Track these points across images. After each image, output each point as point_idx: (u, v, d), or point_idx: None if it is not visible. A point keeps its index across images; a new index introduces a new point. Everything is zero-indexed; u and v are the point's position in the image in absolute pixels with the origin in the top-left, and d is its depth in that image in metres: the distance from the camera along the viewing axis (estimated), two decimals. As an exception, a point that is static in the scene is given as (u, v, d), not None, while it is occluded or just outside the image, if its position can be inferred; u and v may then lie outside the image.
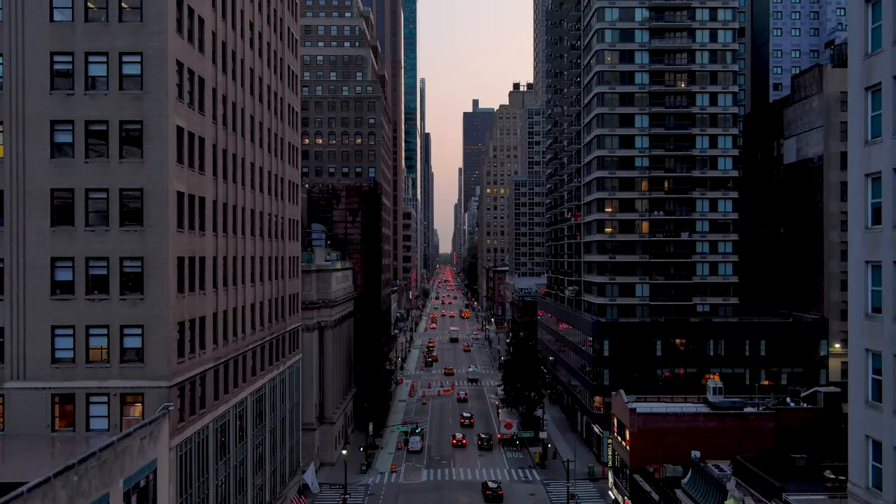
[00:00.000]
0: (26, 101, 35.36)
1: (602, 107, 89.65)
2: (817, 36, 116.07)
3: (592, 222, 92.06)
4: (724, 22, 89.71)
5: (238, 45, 48.13)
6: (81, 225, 35.37)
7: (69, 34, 35.36)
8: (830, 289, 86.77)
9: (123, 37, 35.43)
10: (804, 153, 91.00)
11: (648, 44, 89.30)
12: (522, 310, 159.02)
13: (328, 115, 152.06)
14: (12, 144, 35.41)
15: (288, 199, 63.32)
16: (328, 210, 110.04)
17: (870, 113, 27.25)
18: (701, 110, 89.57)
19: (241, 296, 48.48)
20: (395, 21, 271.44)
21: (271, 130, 57.26)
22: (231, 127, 46.48)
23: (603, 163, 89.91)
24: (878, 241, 26.45)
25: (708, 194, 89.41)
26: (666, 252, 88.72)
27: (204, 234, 40.78)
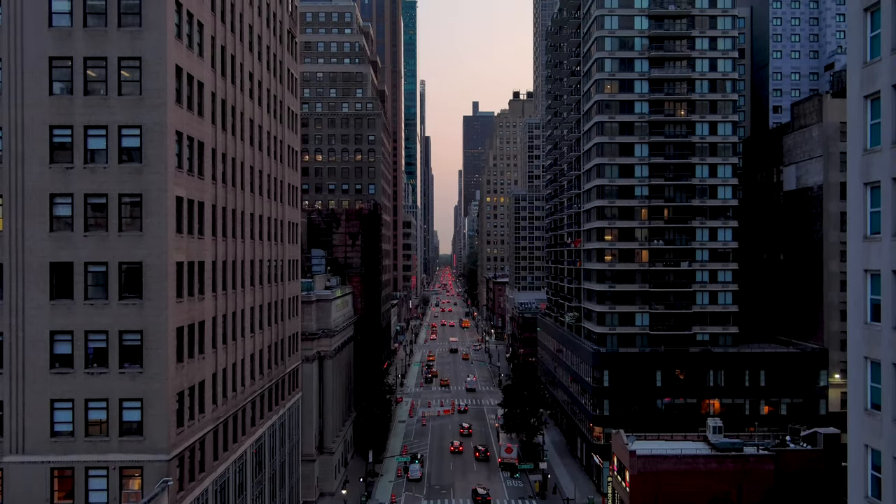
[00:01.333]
0: (25, 174, 35.36)
1: (602, 136, 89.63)
2: (817, 59, 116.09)
3: (592, 250, 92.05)
4: (724, 51, 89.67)
5: (238, 99, 48.11)
6: (81, 298, 35.36)
7: (68, 107, 35.35)
8: (830, 319, 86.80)
9: (122, 110, 35.43)
10: (804, 181, 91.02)
11: (648, 73, 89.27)
12: (522, 326, 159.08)
13: (328, 131, 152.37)
14: (12, 217, 35.41)
15: (288, 240, 63.32)
16: (328, 234, 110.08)
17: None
18: (700, 139, 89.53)
19: (241, 349, 48.49)
20: (395, 32, 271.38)
21: (272, 176, 57.25)
22: (231, 182, 46.47)
23: (602, 192, 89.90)
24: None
25: (707, 223, 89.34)
26: (666, 281, 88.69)
27: (203, 298, 40.78)
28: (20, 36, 35.34)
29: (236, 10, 48.05)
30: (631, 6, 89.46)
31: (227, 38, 45.92)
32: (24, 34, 35.34)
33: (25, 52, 35.34)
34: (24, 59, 35.36)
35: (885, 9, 26.23)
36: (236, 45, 47.79)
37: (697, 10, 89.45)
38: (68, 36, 35.39)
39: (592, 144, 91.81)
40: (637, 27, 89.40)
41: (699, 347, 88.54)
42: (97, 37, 35.40)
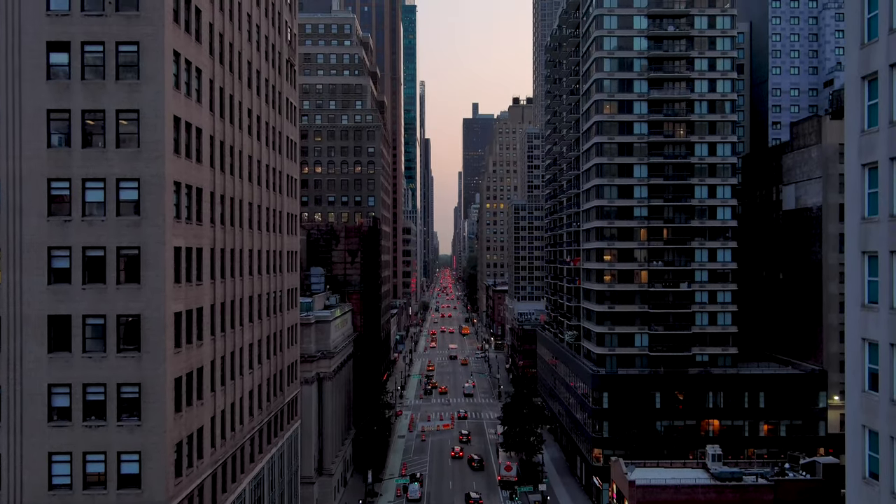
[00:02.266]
0: (24, 226, 35.37)
1: (601, 156, 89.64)
2: (816, 74, 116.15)
3: (592, 270, 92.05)
4: (723, 72, 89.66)
5: (237, 138, 48.11)
6: (79, 351, 35.37)
7: (66, 160, 35.37)
8: (829, 340, 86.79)
9: (121, 163, 35.44)
10: (803, 202, 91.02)
11: (647, 94, 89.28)
12: (522, 338, 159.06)
13: (327, 143, 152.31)
14: (10, 270, 35.41)
15: (287, 269, 63.31)
16: (327, 251, 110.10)
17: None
18: (700, 160, 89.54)
19: (239, 388, 48.50)
20: (395, 39, 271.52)
21: (270, 208, 57.25)
22: (229, 222, 46.46)
23: (602, 212, 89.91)
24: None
25: (707, 244, 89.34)
26: (665, 302, 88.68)
27: (202, 344, 40.78)
28: (18, 88, 35.34)
29: (235, 49, 48.06)
30: (630, 27, 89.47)
31: (226, 79, 45.93)
32: (22, 86, 35.34)
33: (24, 104, 35.35)
34: (23, 111, 35.37)
35: (882, 80, 26.29)
36: (235, 84, 47.80)
37: (696, 31, 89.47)
38: (66, 89, 35.39)
39: (591, 164, 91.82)
40: (636, 48, 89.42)
41: (698, 368, 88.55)
42: (95, 90, 35.40)
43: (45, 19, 35.37)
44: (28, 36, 35.33)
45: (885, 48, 25.98)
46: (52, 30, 35.35)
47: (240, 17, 49.24)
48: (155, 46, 35.59)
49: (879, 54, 26.25)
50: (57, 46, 35.45)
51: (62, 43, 35.43)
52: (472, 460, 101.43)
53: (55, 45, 35.43)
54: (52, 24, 35.36)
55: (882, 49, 26.11)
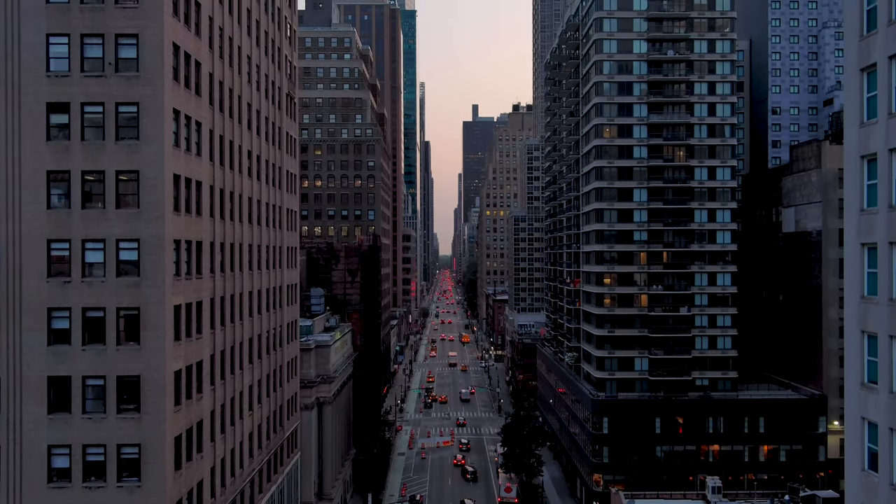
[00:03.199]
0: (23, 287, 35.39)
1: (601, 181, 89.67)
2: (816, 93, 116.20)
3: (592, 294, 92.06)
4: (723, 96, 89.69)
5: (237, 182, 48.15)
6: (79, 412, 35.39)
7: (66, 221, 35.39)
8: (829, 365, 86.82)
9: (121, 224, 35.47)
10: (803, 225, 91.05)
11: (647, 118, 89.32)
12: (522, 352, 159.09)
13: (327, 157, 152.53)
14: (9, 331, 35.43)
15: (287, 302, 63.34)
16: (327, 270, 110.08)
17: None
18: (699, 184, 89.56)
19: (239, 432, 48.52)
20: (395, 48, 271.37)
21: (270, 245, 57.27)
22: (229, 268, 46.48)
23: (601, 236, 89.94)
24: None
25: (707, 268, 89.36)
26: (665, 327, 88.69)
27: (202, 397, 40.81)
28: (18, 149, 35.37)
29: (235, 93, 48.09)
30: (630, 51, 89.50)
31: (226, 126, 45.95)
32: (22, 147, 35.37)
33: (24, 165, 35.38)
34: (23, 172, 35.40)
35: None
36: (234, 128, 47.83)
37: (696, 56, 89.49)
38: (66, 150, 35.42)
39: (591, 188, 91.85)
40: (636, 72, 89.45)
41: (698, 392, 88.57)
42: (95, 151, 35.43)
43: (45, 80, 35.40)
44: (28, 97, 35.35)
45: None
46: (51, 91, 35.38)
47: (240, 60, 49.27)
48: (155, 107, 35.62)
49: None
50: (57, 107, 35.47)
51: (62, 104, 35.45)
52: (466, 472, 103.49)
53: (55, 105, 35.46)
54: (52, 86, 35.39)
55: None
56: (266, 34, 56.59)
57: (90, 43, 35.61)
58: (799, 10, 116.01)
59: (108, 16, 35.54)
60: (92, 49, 35.65)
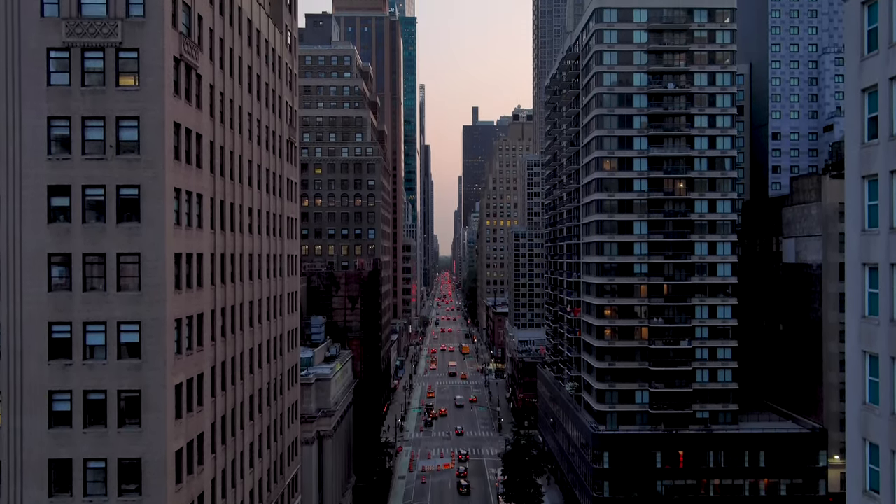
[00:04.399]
0: (24, 370, 35.40)
1: (601, 213, 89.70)
2: (816, 118, 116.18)
3: (592, 326, 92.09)
4: (723, 129, 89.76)
5: (237, 244, 48.14)
6: (79, 495, 35.36)
7: (67, 304, 35.40)
8: (829, 399, 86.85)
9: (122, 306, 35.48)
10: (803, 257, 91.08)
11: (647, 151, 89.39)
12: (522, 371, 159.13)
13: (328, 176, 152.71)
14: (10, 414, 35.44)
15: (287, 347, 63.36)
16: (328, 297, 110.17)
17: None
18: (700, 217, 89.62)
19: (240, 492, 48.50)
20: (395, 59, 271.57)
21: (271, 296, 57.32)
22: (230, 331, 46.51)
23: (602, 268, 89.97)
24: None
25: (707, 301, 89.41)
26: (666, 360, 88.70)
27: (203, 470, 40.80)
28: (20, 232, 35.38)
29: (236, 154, 48.08)
30: (630, 84, 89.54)
31: (227, 190, 45.96)
32: (23, 230, 35.39)
33: (25, 248, 35.39)
34: (24, 255, 35.41)
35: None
36: (236, 190, 47.85)
37: (696, 89, 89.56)
38: (67, 232, 35.43)
39: (592, 220, 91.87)
40: (636, 105, 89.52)
41: (699, 425, 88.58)
42: (96, 233, 35.44)
43: (47, 163, 35.42)
44: (29, 179, 35.36)
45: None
46: (52, 174, 35.39)
47: (241, 120, 49.26)
48: (156, 189, 35.64)
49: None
50: (58, 190, 35.48)
51: (63, 187, 35.47)
52: (460, 486, 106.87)
53: (56, 188, 35.46)
54: (54, 168, 35.41)
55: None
56: (266, 86, 56.62)
57: (91, 125, 35.62)
58: (799, 35, 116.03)
59: (109, 98, 35.56)
60: (93, 131, 35.67)
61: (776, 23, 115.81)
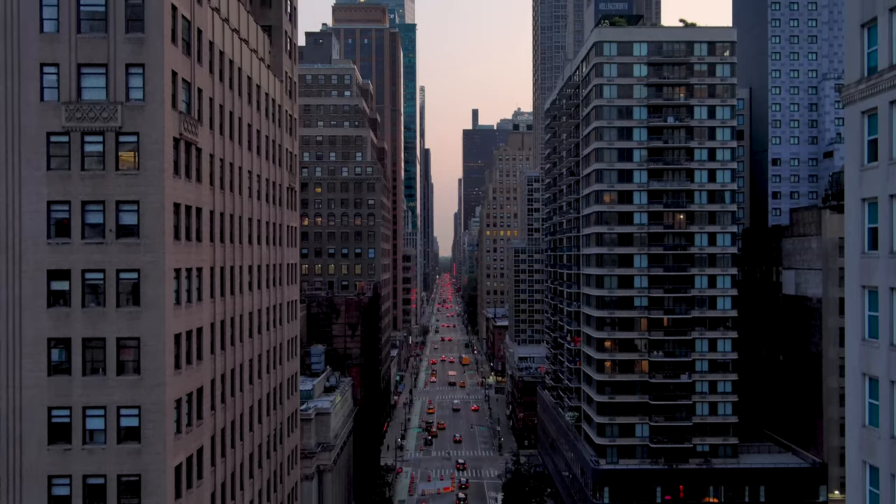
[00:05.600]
0: (24, 455, 35.36)
1: (601, 246, 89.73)
2: (816, 144, 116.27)
3: (592, 359, 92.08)
4: (723, 162, 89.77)
5: (238, 307, 48.14)
6: (80, 579, 35.37)
7: (67, 388, 35.38)
8: (829, 433, 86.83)
9: (121, 391, 35.46)
10: (802, 290, 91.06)
11: (647, 184, 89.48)
12: (523, 390, 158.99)
13: (328, 195, 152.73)
14: (9, 499, 35.39)
15: (287, 395, 63.38)
16: (328, 324, 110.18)
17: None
18: (700, 250, 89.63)
19: (240, 554, 48.54)
20: (395, 70, 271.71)
21: (272, 347, 57.31)
22: (230, 394, 46.52)
23: (602, 301, 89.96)
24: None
25: (707, 334, 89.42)
26: (666, 394, 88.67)
27: (202, 543, 40.83)
28: (19, 316, 35.36)
29: (236, 216, 48.07)
30: (630, 117, 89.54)
31: (227, 255, 45.97)
32: (23, 315, 35.36)
33: (24, 332, 35.37)
34: (24, 339, 35.39)
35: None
36: (235, 255, 47.84)
37: (696, 122, 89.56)
38: (67, 317, 35.41)
39: (592, 253, 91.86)
40: (636, 138, 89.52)
41: (699, 458, 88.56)
42: (96, 318, 35.42)
43: (46, 248, 35.40)
44: (29, 264, 35.35)
45: None
46: (52, 258, 35.37)
47: (241, 182, 49.25)
48: (156, 273, 35.63)
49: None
50: (58, 275, 35.46)
51: (63, 271, 35.45)
52: None
53: (56, 273, 35.45)
54: (53, 253, 35.39)
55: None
56: (266, 138, 56.62)
57: (91, 209, 35.62)
58: (799, 61, 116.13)
59: (108, 183, 35.55)
60: (93, 215, 35.66)
61: (776, 48, 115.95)
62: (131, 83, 35.75)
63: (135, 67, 35.69)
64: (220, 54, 45.01)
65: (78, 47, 35.53)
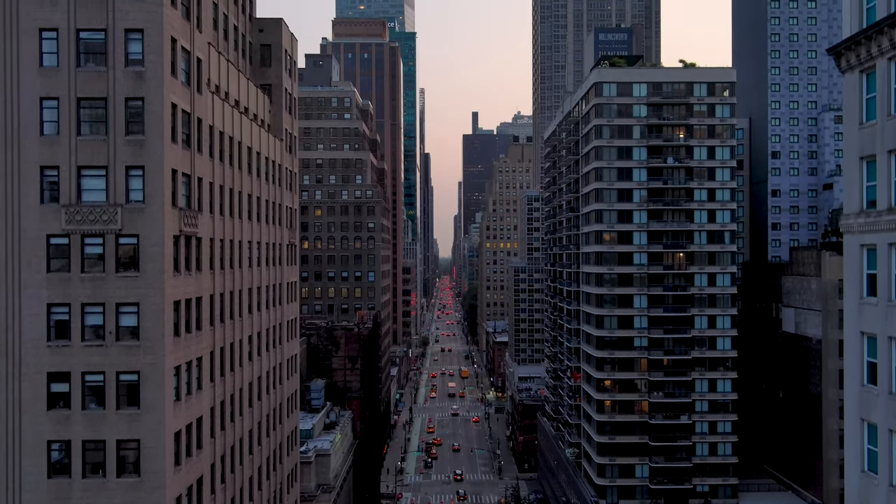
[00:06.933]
0: None
1: (601, 287, 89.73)
2: (815, 176, 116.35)
3: (592, 399, 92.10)
4: (723, 202, 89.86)
5: (238, 382, 48.20)
6: None
7: (67, 491, 35.34)
8: (829, 475, 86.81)
9: (122, 493, 35.50)
10: (802, 329, 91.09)
11: (647, 225, 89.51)
12: (523, 413, 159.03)
13: (328, 219, 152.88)
14: None
15: (286, 452, 63.41)
16: (328, 358, 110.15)
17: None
18: (699, 290, 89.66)
19: None
20: (395, 85, 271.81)
21: (272, 409, 57.32)
22: (229, 457, 46.55)
23: (602, 342, 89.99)
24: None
25: (707, 375, 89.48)
26: (666, 435, 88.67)
27: None
28: (18, 419, 35.38)
29: (236, 292, 48.09)
30: (629, 157, 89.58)
31: (227, 335, 45.98)
32: (22, 417, 35.39)
33: (24, 435, 35.38)
34: (23, 442, 35.40)
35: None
36: (235, 332, 47.86)
37: (696, 162, 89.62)
38: (67, 419, 35.44)
39: (592, 293, 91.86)
40: (636, 179, 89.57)
41: (699, 499, 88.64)
42: (96, 420, 35.44)
43: (46, 350, 35.44)
44: (28, 367, 35.37)
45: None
46: (52, 361, 35.41)
47: (240, 253, 49.29)
48: (155, 375, 35.67)
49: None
50: (57, 377, 35.50)
51: (62, 373, 35.49)
52: None
53: (56, 375, 35.48)
54: (53, 355, 35.43)
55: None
56: (267, 202, 56.65)
57: (91, 311, 35.65)
58: (798, 92, 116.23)
59: (108, 285, 35.59)
60: (93, 317, 35.70)
61: (776, 80, 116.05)
62: (131, 185, 35.80)
63: (135, 169, 35.74)
64: (220, 135, 45.04)
65: (78, 150, 35.58)
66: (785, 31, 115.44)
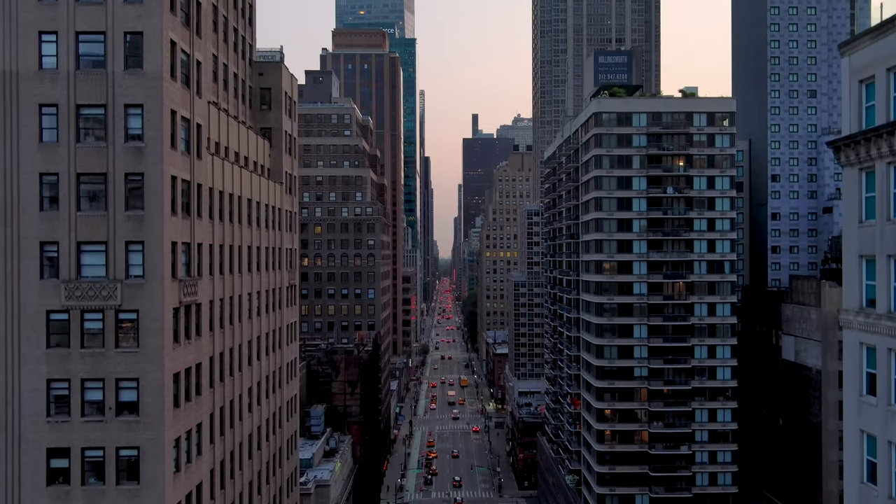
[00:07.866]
0: None
1: (600, 317, 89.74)
2: (815, 199, 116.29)
3: (592, 429, 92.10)
4: (722, 232, 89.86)
5: (238, 394, 48.20)
6: None
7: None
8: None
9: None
10: (802, 358, 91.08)
11: (647, 255, 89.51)
12: (523, 430, 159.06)
13: (327, 236, 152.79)
14: None
15: (286, 494, 63.41)
16: (327, 382, 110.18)
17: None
18: (699, 320, 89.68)
19: None
20: (395, 95, 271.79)
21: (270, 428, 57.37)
22: (229, 476, 46.64)
23: (602, 371, 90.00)
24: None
25: (707, 405, 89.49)
26: (666, 466, 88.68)
27: None
28: (17, 494, 35.39)
29: (235, 349, 48.09)
30: (629, 187, 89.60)
31: (227, 392, 45.97)
32: (21, 492, 35.39)
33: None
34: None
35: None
36: (234, 388, 47.85)
37: (695, 192, 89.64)
38: (66, 495, 35.41)
39: (591, 322, 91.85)
40: (636, 209, 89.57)
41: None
42: (96, 496, 35.41)
43: (46, 426, 35.45)
44: (28, 443, 35.39)
45: None
46: (52, 436, 35.42)
47: (240, 307, 49.29)
48: (155, 450, 35.65)
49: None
50: (57, 452, 35.50)
51: (62, 449, 35.49)
52: None
53: (55, 451, 35.48)
54: (53, 431, 35.44)
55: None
56: (267, 249, 56.66)
57: (91, 387, 35.66)
58: (798, 115, 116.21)
59: (108, 361, 35.59)
60: (92, 393, 35.71)
61: (775, 103, 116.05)
62: (131, 260, 35.81)
63: (134, 245, 35.76)
64: (220, 194, 45.04)
65: (77, 225, 35.59)
66: (785, 54, 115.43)
